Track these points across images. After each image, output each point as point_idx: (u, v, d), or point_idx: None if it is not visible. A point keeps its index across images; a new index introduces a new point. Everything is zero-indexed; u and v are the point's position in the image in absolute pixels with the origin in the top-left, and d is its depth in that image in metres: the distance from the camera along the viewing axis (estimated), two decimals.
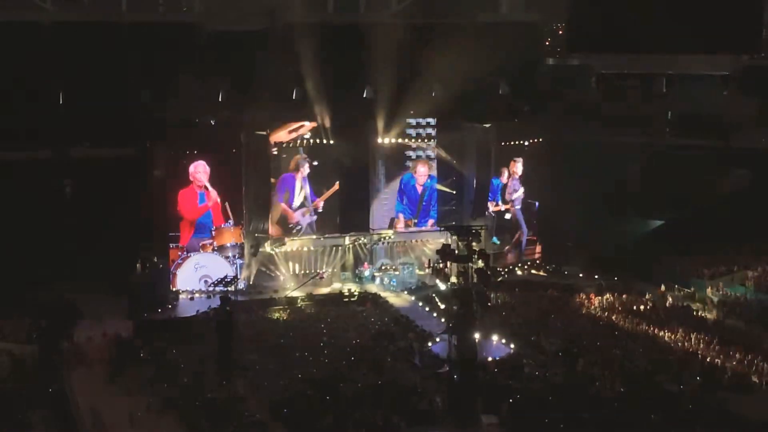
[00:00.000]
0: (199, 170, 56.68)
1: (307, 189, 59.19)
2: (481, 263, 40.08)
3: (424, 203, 61.82)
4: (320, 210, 59.61)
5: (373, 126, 60.23)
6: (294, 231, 58.84)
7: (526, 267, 62.47)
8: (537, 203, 64.25)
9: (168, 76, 57.78)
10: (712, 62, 67.81)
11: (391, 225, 61.38)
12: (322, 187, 59.61)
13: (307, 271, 58.95)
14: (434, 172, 62.01)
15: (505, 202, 63.66)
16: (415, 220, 62.02)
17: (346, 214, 60.27)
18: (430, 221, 62.18)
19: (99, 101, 57.09)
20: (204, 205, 56.88)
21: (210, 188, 56.74)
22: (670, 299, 54.32)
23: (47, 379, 41.46)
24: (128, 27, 59.53)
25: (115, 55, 58.04)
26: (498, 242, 62.83)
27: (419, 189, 61.77)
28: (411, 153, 61.38)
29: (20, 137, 58.14)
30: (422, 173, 61.60)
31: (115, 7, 59.61)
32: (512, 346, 46.10)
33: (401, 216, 61.67)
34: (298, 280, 58.02)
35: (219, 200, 57.21)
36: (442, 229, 58.11)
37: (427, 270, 58.45)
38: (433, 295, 52.83)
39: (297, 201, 59.08)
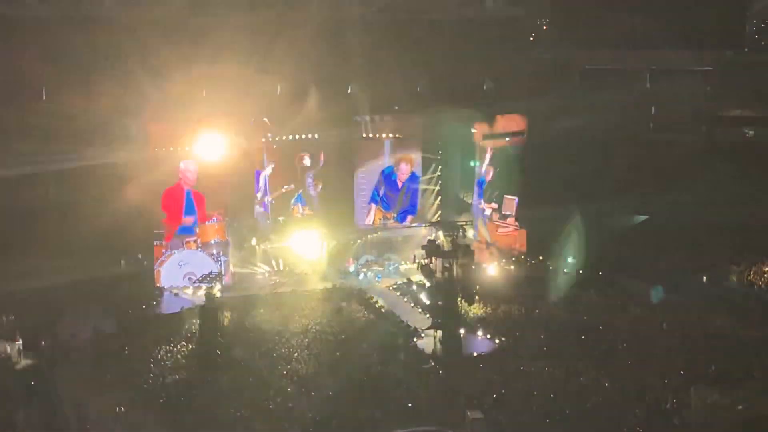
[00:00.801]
0: (190, 168, 56.43)
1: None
2: (466, 259, 40.18)
3: (403, 198, 61.89)
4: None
5: (357, 122, 60.18)
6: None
7: (510, 261, 62.48)
8: (516, 199, 64.19)
9: (152, 71, 57.68)
10: (695, 57, 68.24)
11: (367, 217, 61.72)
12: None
13: (292, 267, 58.92)
14: (417, 169, 62.02)
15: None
16: (394, 215, 62.08)
17: (332, 209, 60.27)
18: (409, 217, 62.20)
19: (83, 98, 57.01)
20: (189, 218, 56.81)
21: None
22: (654, 294, 54.43)
23: (30, 377, 41.35)
24: (112, 22, 59.60)
25: (98, 50, 57.98)
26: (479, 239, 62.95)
27: (399, 184, 61.79)
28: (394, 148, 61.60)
29: (1, 134, 58.06)
30: (404, 171, 61.60)
31: (98, 2, 59.49)
32: (497, 341, 46.24)
33: (372, 206, 61.71)
34: (283, 275, 57.96)
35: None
36: (426, 224, 58.32)
37: (412, 265, 58.57)
38: (418, 290, 52.82)
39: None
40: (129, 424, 36.74)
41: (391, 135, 60.91)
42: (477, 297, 51.43)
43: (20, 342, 44.26)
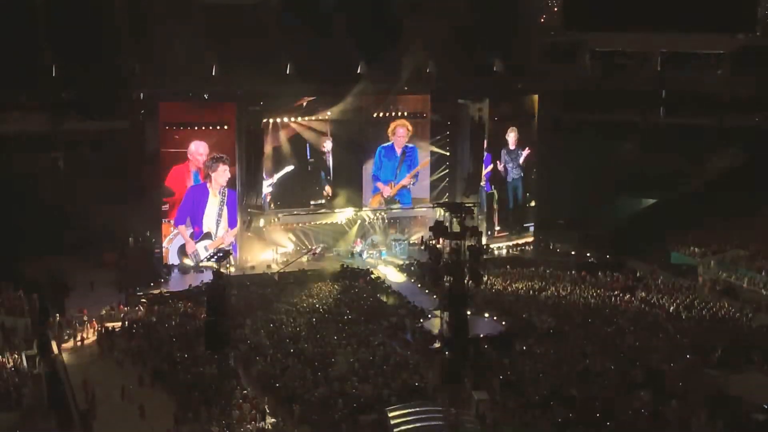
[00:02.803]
0: (200, 151, 56.38)
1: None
2: (473, 240, 40.07)
3: (404, 165, 61.87)
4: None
5: (366, 101, 60.06)
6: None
7: (518, 244, 62.51)
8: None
9: (161, 49, 57.60)
10: (707, 41, 67.86)
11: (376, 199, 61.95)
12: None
13: (301, 247, 59.01)
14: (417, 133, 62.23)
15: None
16: (394, 181, 62.00)
17: (339, 189, 60.27)
18: (408, 176, 62.18)
19: (92, 73, 57.01)
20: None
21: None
22: (662, 278, 54.43)
23: (39, 352, 41.54)
24: None
25: (108, 26, 57.95)
26: None
27: (398, 151, 61.64)
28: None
29: (12, 109, 58.06)
30: (401, 134, 61.44)
31: None
32: (504, 323, 46.26)
33: (381, 185, 61.75)
34: (291, 255, 58.00)
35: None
36: (435, 205, 58.18)
37: (420, 246, 58.58)
38: (425, 271, 52.73)
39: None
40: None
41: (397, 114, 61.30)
42: (485, 278, 51.54)
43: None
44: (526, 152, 63.19)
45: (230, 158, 56.70)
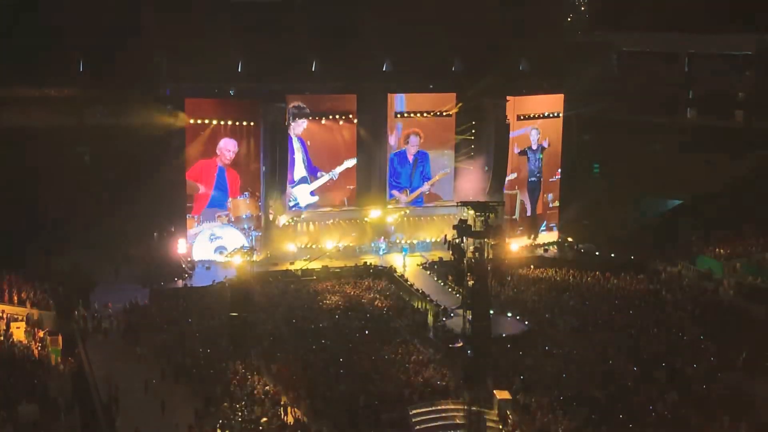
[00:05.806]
0: (229, 148, 56.58)
1: (304, 160, 58.97)
2: (497, 239, 39.93)
3: (417, 171, 61.58)
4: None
5: (390, 99, 59.96)
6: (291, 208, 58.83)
7: (542, 244, 62.22)
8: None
9: (187, 45, 57.82)
10: (735, 42, 67.44)
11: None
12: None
13: (324, 244, 58.95)
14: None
15: None
16: (409, 189, 61.80)
17: (364, 187, 60.24)
18: (426, 184, 61.92)
19: (119, 69, 57.33)
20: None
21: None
22: (687, 279, 54.07)
23: (65, 345, 41.88)
24: None
25: (134, 22, 58.26)
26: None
27: (410, 158, 61.39)
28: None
29: (38, 103, 58.43)
30: (413, 143, 61.15)
31: None
32: (527, 322, 46.14)
33: (396, 192, 61.45)
34: (315, 252, 57.96)
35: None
36: (459, 204, 58.02)
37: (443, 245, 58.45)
38: (448, 269, 52.63)
39: (296, 174, 58.96)
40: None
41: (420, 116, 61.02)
42: (509, 278, 51.44)
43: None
44: (547, 146, 62.55)
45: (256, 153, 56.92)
